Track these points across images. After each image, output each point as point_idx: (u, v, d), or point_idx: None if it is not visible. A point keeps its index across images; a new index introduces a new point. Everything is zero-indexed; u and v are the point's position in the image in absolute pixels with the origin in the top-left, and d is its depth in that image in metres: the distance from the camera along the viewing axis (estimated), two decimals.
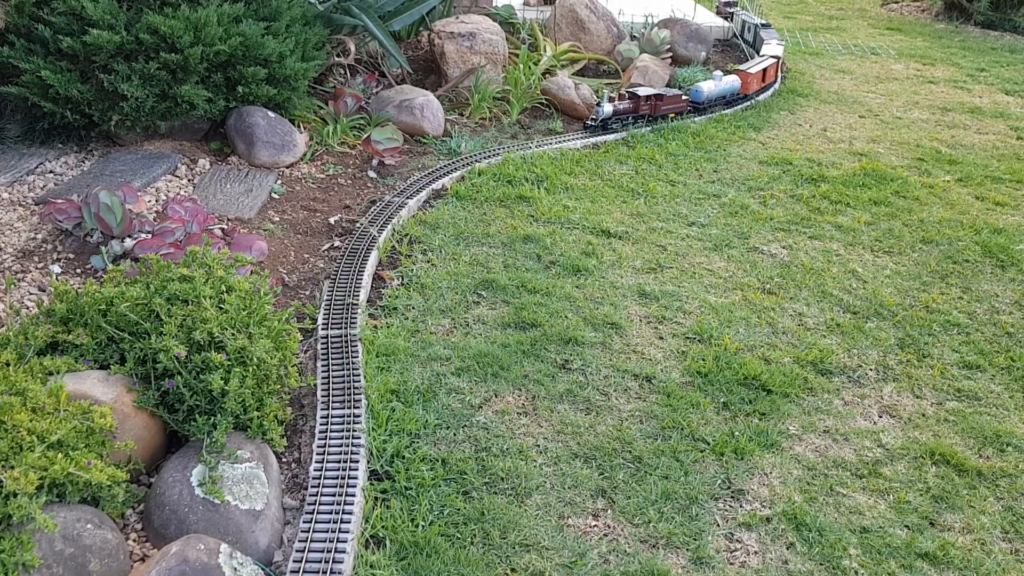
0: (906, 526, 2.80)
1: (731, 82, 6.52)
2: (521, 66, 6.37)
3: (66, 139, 4.64)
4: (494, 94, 6.10)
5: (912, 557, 2.67)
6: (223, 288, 2.92)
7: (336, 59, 5.82)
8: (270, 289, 3.10)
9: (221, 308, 2.82)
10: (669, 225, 4.72)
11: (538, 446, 3.02)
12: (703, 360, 3.55)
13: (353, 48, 5.82)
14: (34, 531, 2.13)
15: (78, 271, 3.61)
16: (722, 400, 3.34)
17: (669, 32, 7.50)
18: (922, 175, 5.71)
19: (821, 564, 2.62)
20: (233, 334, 2.75)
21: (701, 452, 3.05)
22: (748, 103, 6.80)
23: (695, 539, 2.68)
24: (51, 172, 4.38)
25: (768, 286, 4.20)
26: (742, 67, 6.83)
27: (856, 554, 2.67)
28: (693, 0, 9.10)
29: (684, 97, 6.13)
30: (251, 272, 3.61)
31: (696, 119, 6.26)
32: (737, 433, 3.15)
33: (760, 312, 3.96)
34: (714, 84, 6.37)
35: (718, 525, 2.75)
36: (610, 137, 5.82)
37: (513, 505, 2.74)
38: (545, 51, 7.01)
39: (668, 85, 6.83)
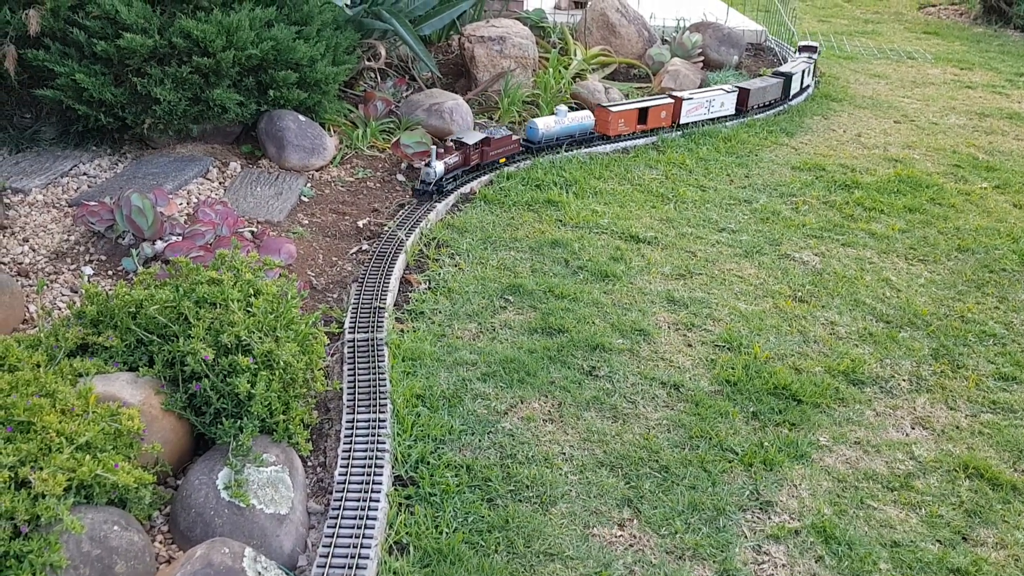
0: (938, 540, 2.74)
1: (580, 119, 5.50)
2: (551, 70, 6.35)
3: (100, 142, 4.70)
4: (523, 98, 6.09)
5: (944, 572, 2.61)
6: (251, 291, 2.93)
7: (366, 63, 5.84)
8: (298, 292, 3.11)
9: (249, 311, 2.83)
10: (699, 231, 4.68)
11: (564, 454, 2.99)
12: (732, 368, 3.50)
13: (383, 52, 5.83)
14: (62, 532, 2.14)
15: (110, 273, 3.64)
16: (751, 410, 3.29)
17: (701, 36, 7.44)
18: (958, 182, 5.61)
19: None
20: (260, 337, 2.75)
21: (729, 462, 3.01)
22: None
23: (722, 551, 2.64)
24: (85, 174, 4.43)
25: (799, 294, 4.14)
26: (607, 103, 5.85)
27: (887, 568, 2.62)
28: (726, 4, 9.02)
29: (515, 138, 5.19)
30: (279, 275, 3.62)
31: (728, 124, 6.21)
32: (766, 443, 3.10)
33: (791, 320, 3.91)
34: (554, 121, 5.37)
35: (746, 537, 2.71)
36: (618, 145, 5.77)
37: (538, 513, 2.72)
38: (575, 55, 6.98)
39: (700, 86, 6.78)
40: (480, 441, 3.00)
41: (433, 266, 4.06)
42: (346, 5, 5.25)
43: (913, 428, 3.29)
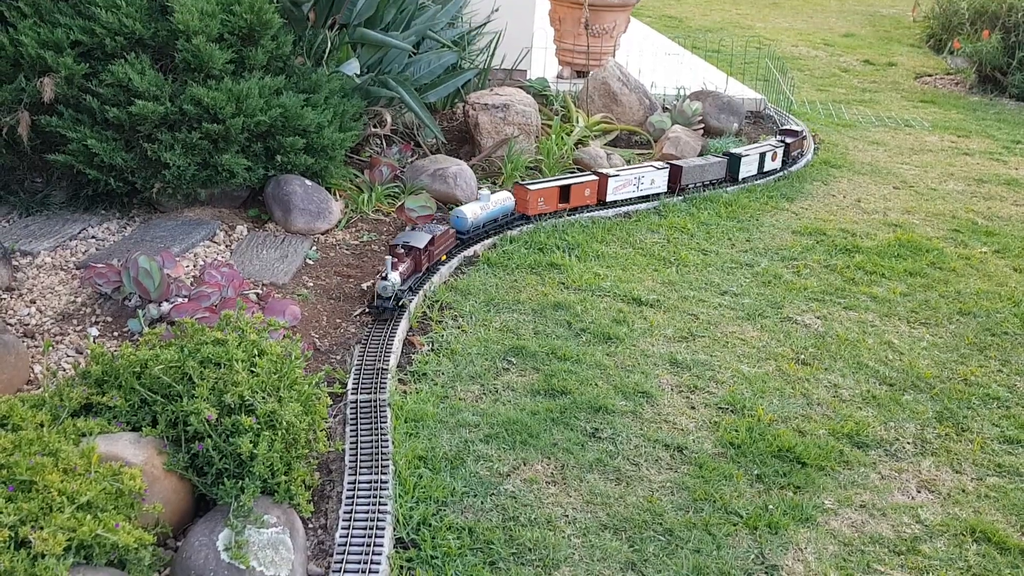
0: None
1: (501, 202, 5.16)
2: (553, 136, 6.47)
3: (109, 205, 4.77)
4: (526, 163, 6.18)
5: None
6: (255, 352, 2.95)
7: (372, 129, 5.95)
8: (301, 353, 3.12)
9: (252, 372, 2.85)
10: (701, 294, 4.71)
11: (567, 516, 2.97)
12: (736, 431, 3.49)
13: (390, 119, 5.95)
14: None
15: (115, 334, 3.67)
16: (755, 472, 3.27)
17: (701, 104, 7.58)
18: (958, 246, 5.66)
19: None
20: (263, 397, 2.76)
21: (734, 525, 2.98)
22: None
23: None
24: (93, 237, 4.49)
25: (802, 356, 4.15)
26: (525, 181, 5.52)
27: None
28: (725, 74, 9.21)
29: (451, 231, 4.80)
30: (284, 336, 3.65)
31: (728, 189, 6.28)
32: (771, 506, 3.08)
33: (794, 383, 3.91)
34: (479, 207, 5.00)
35: None
36: (620, 210, 5.84)
37: None
38: (577, 122, 7.11)
39: (700, 154, 6.88)
40: (482, 503, 2.98)
41: (436, 328, 4.08)
42: (354, 74, 5.37)
43: (919, 491, 3.26)
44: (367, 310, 4.09)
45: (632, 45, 9.85)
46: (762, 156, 6.60)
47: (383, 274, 3.98)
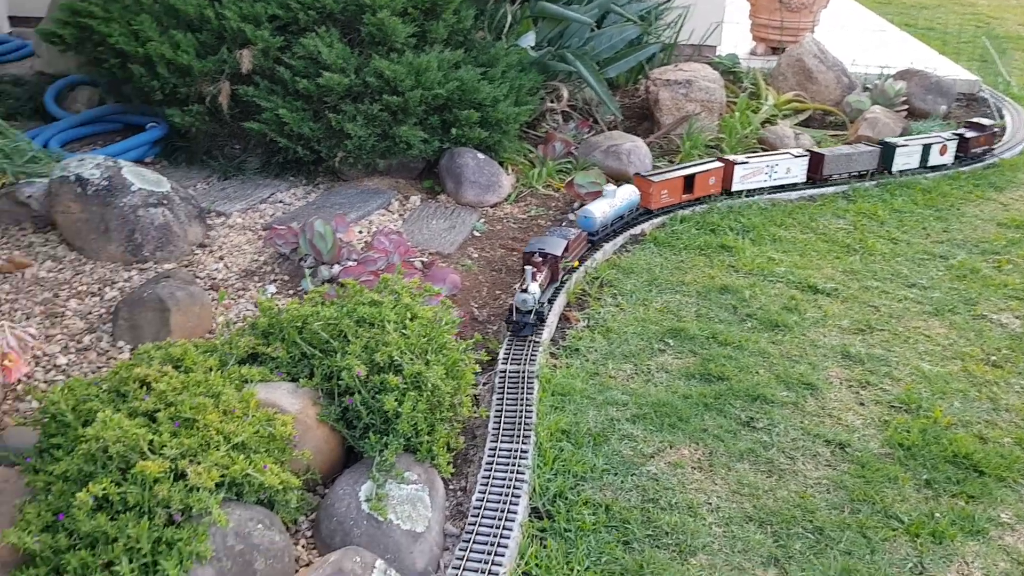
0: None
1: (628, 196, 4.72)
2: (737, 114, 6.22)
3: (296, 172, 5.05)
4: (706, 142, 5.99)
5: None
6: (408, 315, 3.03)
7: (549, 105, 5.95)
8: (453, 320, 3.18)
9: (403, 334, 2.93)
10: (885, 285, 4.39)
11: (710, 503, 2.86)
12: (907, 432, 3.23)
13: (566, 94, 5.93)
14: (210, 524, 2.27)
15: (290, 292, 3.88)
16: (924, 477, 3.02)
17: (905, 84, 7.05)
18: None
19: None
20: (411, 359, 2.84)
21: (893, 531, 2.77)
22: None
23: None
24: (280, 202, 4.77)
25: (994, 358, 3.78)
26: (648, 172, 5.05)
27: None
28: (937, 52, 8.52)
29: (583, 234, 4.36)
30: (441, 302, 3.73)
31: (928, 176, 5.81)
32: (937, 515, 2.83)
33: (981, 386, 3.57)
34: (607, 205, 4.55)
35: None
36: (829, 190, 5.52)
37: (676, 562, 2.61)
38: (767, 100, 6.80)
39: (901, 135, 6.40)
40: (622, 482, 2.93)
41: (594, 305, 4.04)
42: (531, 48, 5.39)
43: None
44: (506, 326, 3.64)
45: (835, 21, 9.30)
46: (926, 148, 5.84)
47: (523, 285, 3.58)
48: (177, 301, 3.40)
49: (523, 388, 3.25)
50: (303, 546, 2.62)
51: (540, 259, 3.77)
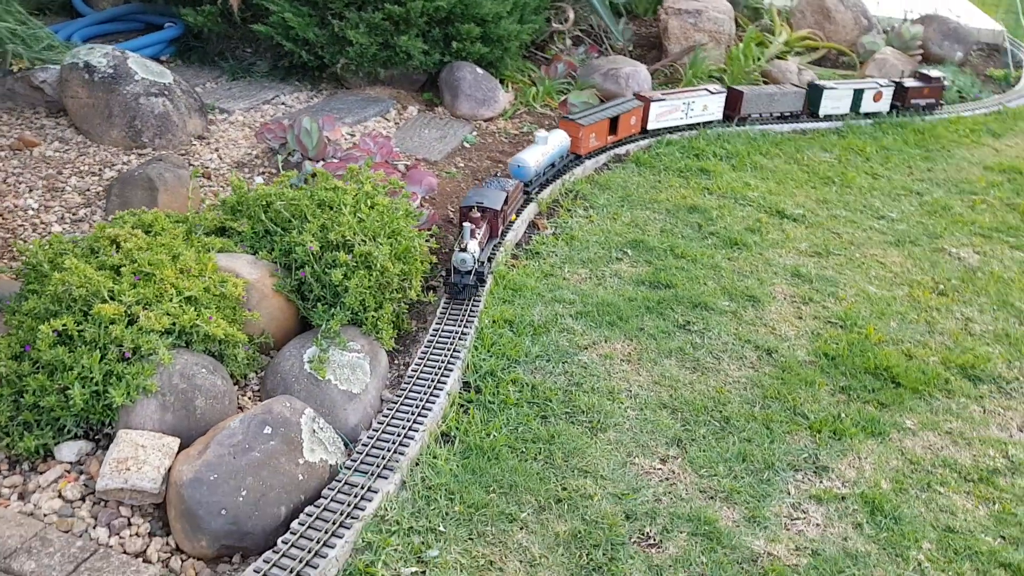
0: (1001, 536, 2.57)
1: (559, 143, 4.41)
2: (742, 46, 6.27)
3: (302, 78, 5.26)
4: (710, 71, 6.06)
5: (992, 564, 2.46)
6: (369, 203, 3.26)
7: (557, 26, 6.06)
8: (410, 210, 3.40)
9: (359, 218, 3.16)
10: (854, 215, 4.51)
11: (630, 391, 3.08)
12: (836, 344, 3.41)
13: (572, 16, 6.03)
14: (156, 363, 2.55)
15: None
16: (841, 384, 3.20)
17: (923, 28, 7.01)
18: None
19: (884, 549, 2.49)
20: (362, 240, 3.07)
21: (797, 426, 2.97)
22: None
23: (758, 501, 2.64)
24: (283, 104, 5.00)
25: (942, 287, 3.91)
26: (574, 115, 4.71)
27: (929, 548, 2.50)
28: (968, 1, 8.39)
29: (520, 183, 4.01)
30: (420, 202, 3.95)
31: (927, 117, 5.83)
32: (844, 416, 3.02)
33: (922, 310, 3.71)
34: (540, 152, 4.22)
35: (788, 494, 2.68)
36: (823, 125, 5.58)
37: (585, 436, 2.85)
38: (780, 35, 6.82)
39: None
40: (553, 368, 3.15)
41: (564, 215, 4.23)
42: None
43: (1021, 431, 3.06)
44: (447, 289, 3.36)
45: None
46: (858, 93, 5.65)
47: (461, 243, 3.28)
48: (165, 181, 3.66)
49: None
50: (249, 397, 2.90)
51: (479, 214, 3.47)
